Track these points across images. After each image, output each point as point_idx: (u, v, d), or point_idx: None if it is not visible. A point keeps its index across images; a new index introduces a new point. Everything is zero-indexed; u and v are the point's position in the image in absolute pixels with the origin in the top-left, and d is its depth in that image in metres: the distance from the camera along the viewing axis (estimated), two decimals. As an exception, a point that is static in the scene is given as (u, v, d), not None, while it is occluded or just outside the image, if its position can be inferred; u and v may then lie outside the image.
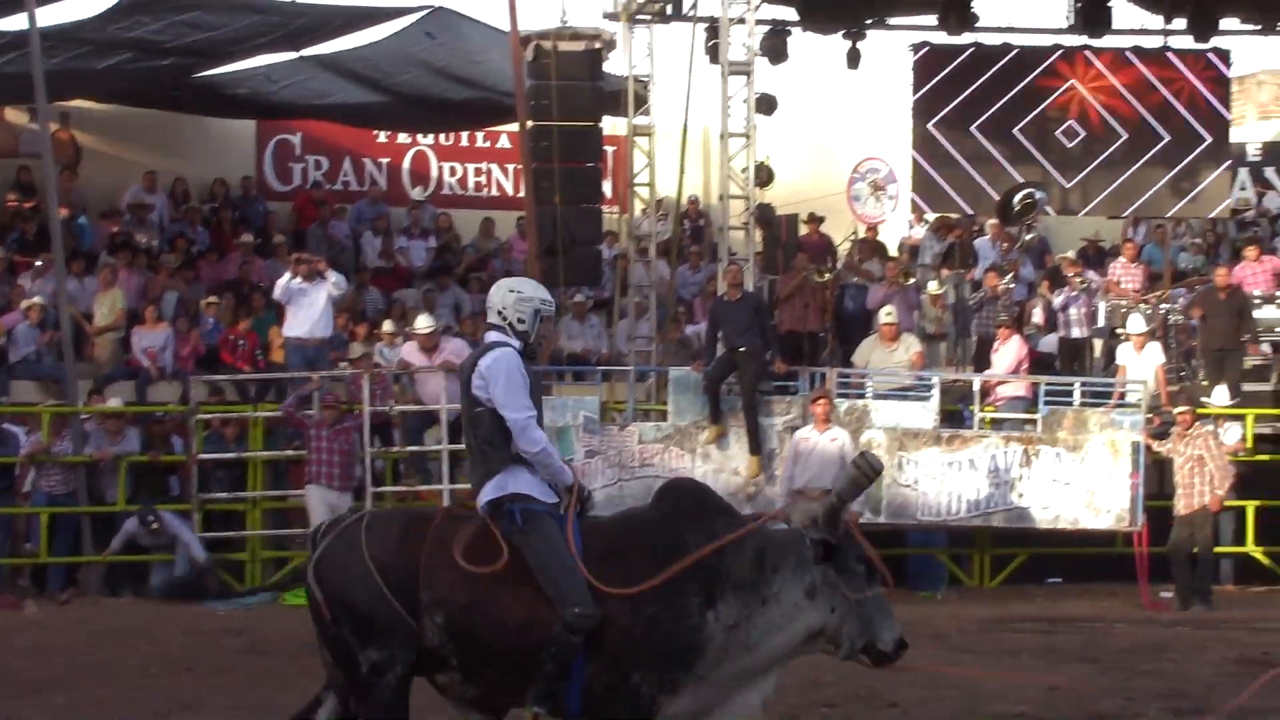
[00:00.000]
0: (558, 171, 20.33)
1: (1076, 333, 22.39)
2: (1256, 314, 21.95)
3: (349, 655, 7.90)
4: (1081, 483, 18.76)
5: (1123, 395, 19.65)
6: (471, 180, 26.17)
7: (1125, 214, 24.81)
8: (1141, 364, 20.38)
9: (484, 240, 25.09)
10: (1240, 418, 20.03)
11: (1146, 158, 23.78)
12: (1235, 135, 25.71)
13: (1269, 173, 28.17)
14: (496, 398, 7.84)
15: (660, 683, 7.54)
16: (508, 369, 7.93)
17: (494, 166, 25.94)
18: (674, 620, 7.55)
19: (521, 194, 22.02)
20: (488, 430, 7.92)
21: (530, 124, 20.51)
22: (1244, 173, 27.24)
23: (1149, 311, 21.84)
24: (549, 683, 7.57)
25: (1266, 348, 22.21)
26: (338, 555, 7.99)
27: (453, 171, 26.09)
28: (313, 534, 8.66)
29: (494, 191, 25.96)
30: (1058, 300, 22.72)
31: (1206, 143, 23.83)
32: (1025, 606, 17.90)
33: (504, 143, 24.97)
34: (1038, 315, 22.78)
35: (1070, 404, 19.40)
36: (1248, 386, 21.34)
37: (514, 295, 8.25)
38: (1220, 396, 20.30)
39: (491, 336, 8.18)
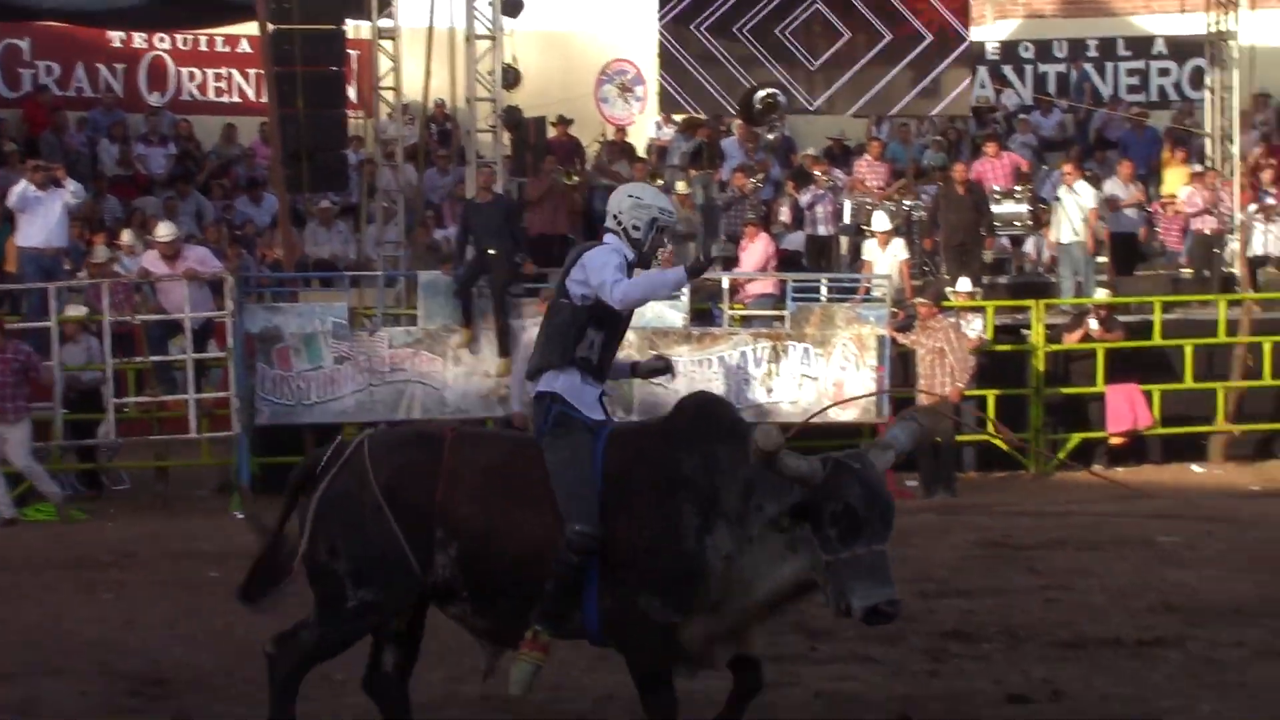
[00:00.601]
0: (300, 76, 20.95)
1: (823, 230, 24.05)
2: (995, 209, 23.74)
3: (336, 589, 8.14)
4: (829, 377, 20.21)
5: (868, 290, 21.26)
6: (212, 85, 26.54)
7: (869, 113, 25.98)
8: (886, 260, 22.21)
9: (226, 146, 25.56)
10: (981, 310, 21.67)
11: (889, 57, 24.61)
12: (974, 34, 26.72)
13: (1007, 70, 30.27)
14: (591, 279, 8.04)
15: (668, 608, 7.72)
16: (609, 256, 8.13)
17: (234, 71, 26.33)
18: (673, 545, 7.71)
19: (264, 99, 22.56)
20: (561, 323, 8.16)
21: (271, 27, 21.03)
22: (983, 71, 28.96)
23: (893, 209, 23.53)
24: (553, 602, 7.81)
25: (1005, 241, 24.38)
26: (340, 489, 8.16)
27: (192, 77, 26.47)
28: (311, 461, 8.64)
29: (235, 97, 26.41)
30: (804, 199, 24.33)
31: (946, 42, 24.88)
32: None
33: (244, 47, 25.28)
34: (785, 214, 24.23)
35: (817, 300, 20.74)
36: (987, 279, 23.35)
37: (631, 200, 8.42)
38: (962, 288, 21.99)
39: (608, 240, 8.36)
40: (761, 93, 24.13)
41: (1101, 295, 22.91)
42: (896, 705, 9.66)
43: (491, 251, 19.97)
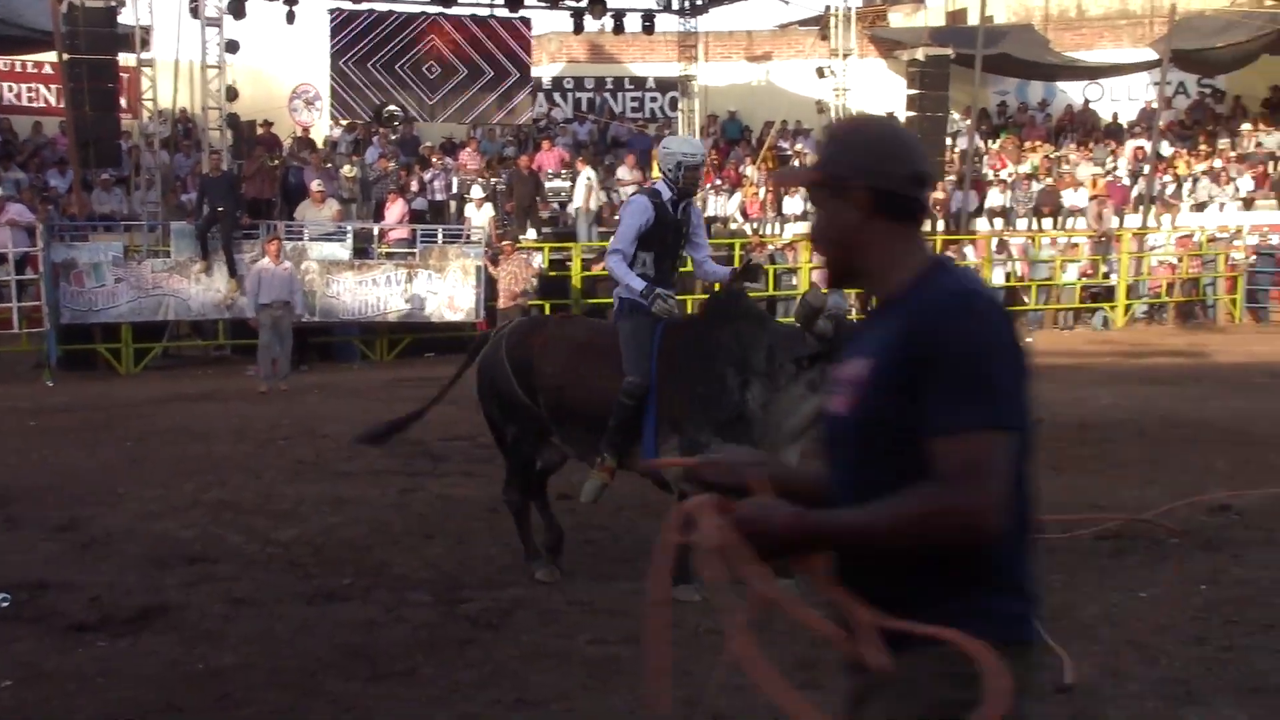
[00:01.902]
0: (87, 90, 20.17)
1: (440, 197, 24.00)
2: (548, 184, 24.38)
3: (498, 429, 8.01)
4: (445, 292, 20.17)
5: (469, 236, 21.18)
6: (25, 95, 25.39)
7: (470, 122, 26.23)
8: (481, 217, 22.31)
9: (36, 137, 24.45)
10: (540, 249, 22.02)
11: (485, 87, 25.04)
12: (535, 71, 27.22)
13: (555, 96, 30.42)
14: (617, 230, 7.79)
15: (723, 441, 7.09)
16: (630, 212, 7.80)
17: (41, 86, 25.10)
18: (721, 397, 7.29)
19: (62, 105, 21.50)
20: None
21: (66, 56, 20.25)
22: (541, 96, 29.02)
23: (484, 183, 23.69)
24: (614, 434, 7.42)
25: (556, 205, 24.56)
26: (488, 356, 7.94)
27: (11, 89, 25.26)
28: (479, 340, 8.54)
29: (42, 103, 25.16)
30: (427, 176, 24.18)
31: (517, 76, 25.50)
32: (410, 372, 18.30)
33: (48, 69, 23.90)
34: (415, 186, 23.91)
35: (436, 242, 20.69)
36: (544, 229, 23.75)
37: (663, 151, 7.96)
38: (528, 236, 22.50)
39: (654, 185, 7.97)
40: (387, 107, 24.44)
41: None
42: (488, 503, 9.63)
43: (220, 209, 19.32)
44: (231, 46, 22.37)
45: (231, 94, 22.45)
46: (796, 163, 27.83)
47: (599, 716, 5.37)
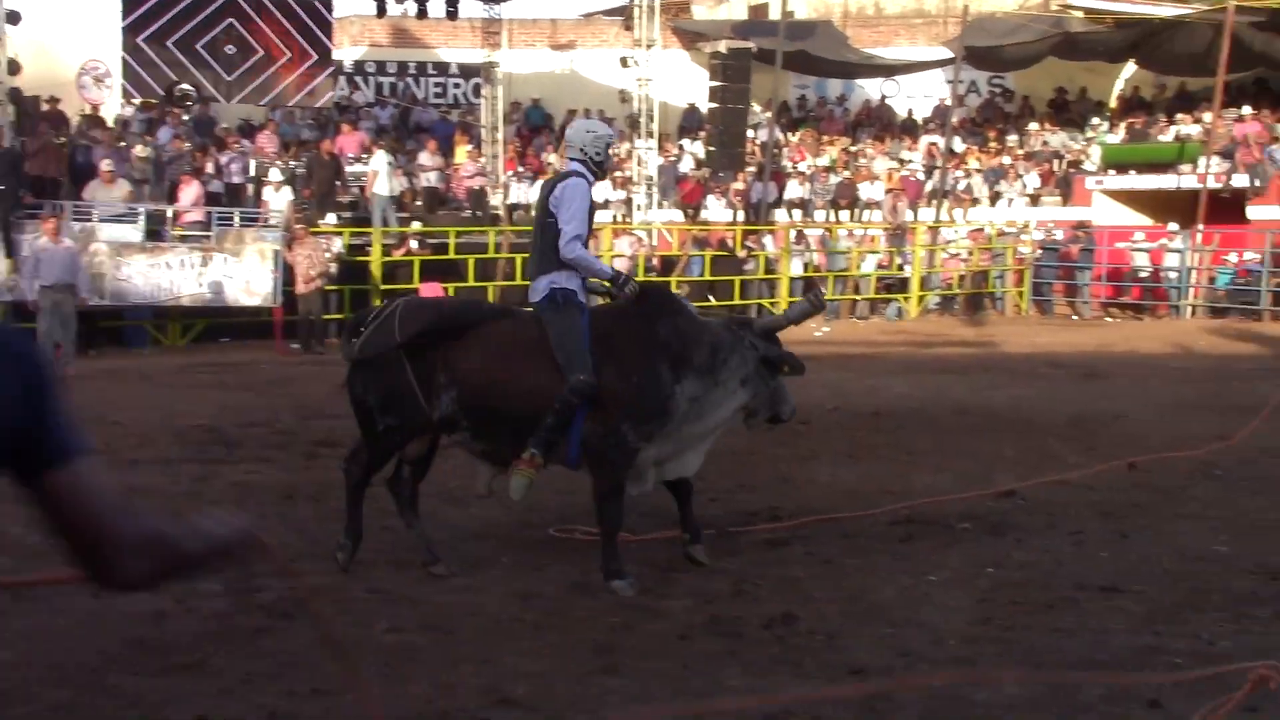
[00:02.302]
0: None
1: (237, 180, 23.37)
2: (349, 169, 24.29)
3: (369, 418, 7.48)
4: (241, 276, 19.68)
5: (266, 220, 20.81)
6: None
7: (269, 104, 25.53)
8: (279, 200, 21.98)
9: None
10: (339, 234, 21.72)
11: (284, 68, 24.00)
12: (336, 54, 26.59)
13: (357, 79, 30.11)
14: (560, 215, 7.32)
15: (641, 434, 7.15)
16: (579, 195, 7.42)
17: None
18: (654, 389, 7.16)
19: None
20: (551, 239, 7.35)
21: None
22: (342, 79, 28.64)
23: (283, 166, 23.43)
24: (549, 433, 7.16)
25: (356, 190, 24.36)
26: (375, 342, 7.34)
27: None
28: (354, 320, 7.90)
29: None
30: (223, 159, 23.56)
31: (315, 58, 24.66)
32: (204, 357, 18.25)
33: None
34: (210, 168, 23.25)
35: (232, 226, 20.26)
36: (344, 214, 23.46)
37: (591, 135, 7.66)
38: (327, 221, 22.15)
39: (573, 167, 7.59)
40: (180, 87, 23.56)
41: (416, 226, 22.96)
42: (284, 490, 9.55)
43: (1, 188, 18.65)
44: (12, 18, 21.35)
45: (13, 68, 21.37)
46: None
47: (396, 705, 5.30)
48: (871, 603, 6.84)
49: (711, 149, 26.47)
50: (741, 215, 26.59)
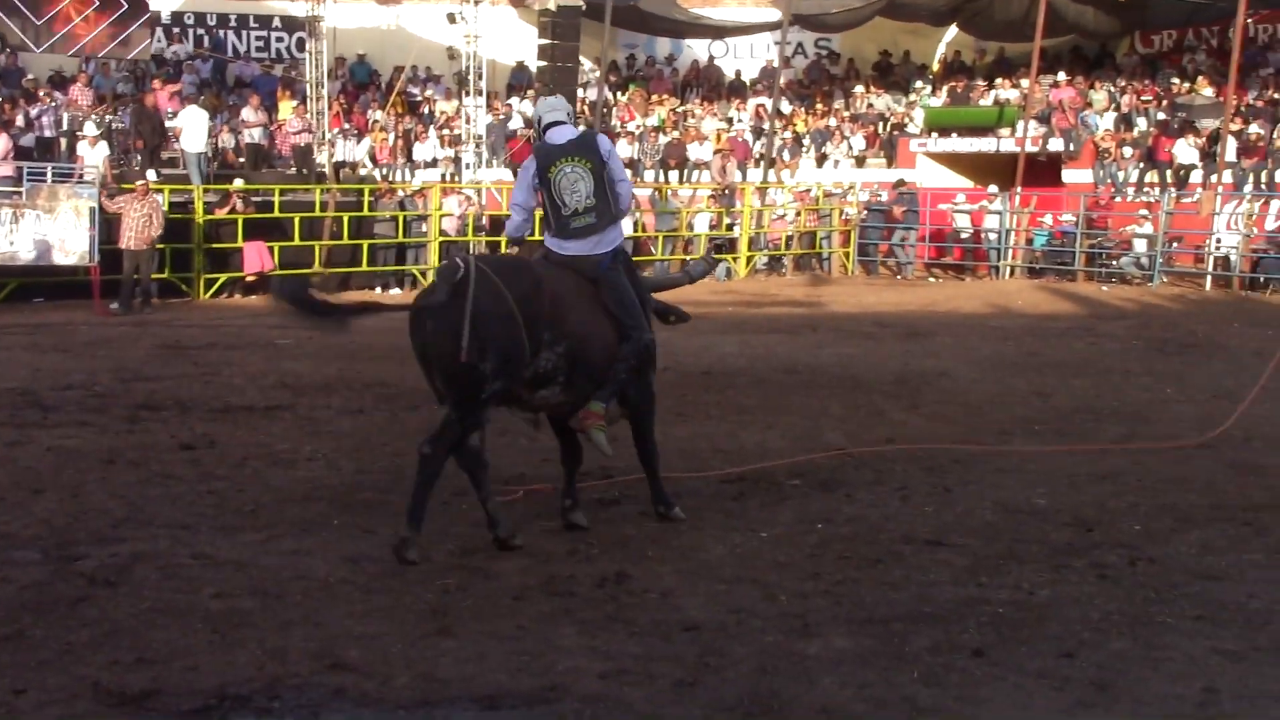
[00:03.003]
0: None
1: (49, 134, 22.84)
2: (168, 123, 23.58)
3: (479, 385, 6.88)
4: (56, 234, 18.81)
5: (81, 176, 20.10)
6: None
7: (82, 55, 24.54)
8: (95, 155, 21.19)
9: None
10: (161, 190, 20.53)
11: (93, 18, 23.36)
12: (153, 5, 25.80)
13: (175, 30, 28.92)
14: (617, 170, 7.51)
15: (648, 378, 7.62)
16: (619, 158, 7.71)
17: None
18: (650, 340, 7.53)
19: None
20: (612, 194, 7.47)
21: None
22: (160, 30, 27.64)
23: (99, 120, 22.73)
24: (618, 386, 7.37)
25: (177, 147, 23.41)
26: (487, 308, 6.79)
27: None
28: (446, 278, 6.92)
29: None
30: (34, 111, 23.06)
31: (126, 8, 23.53)
32: (18, 318, 17.54)
33: None
34: (20, 120, 22.77)
35: (44, 181, 19.49)
36: (167, 171, 22.91)
37: (564, 100, 8.02)
38: (151, 176, 21.35)
39: (573, 128, 7.70)
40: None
41: (239, 183, 22.42)
42: (104, 454, 9.27)
43: None
44: None
45: None
46: (427, 109, 27.76)
47: (225, 672, 5.20)
48: (703, 560, 6.88)
49: (541, 107, 26.31)
50: (571, 175, 26.46)
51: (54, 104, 23.42)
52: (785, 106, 30.26)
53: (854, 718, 4.94)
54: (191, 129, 22.77)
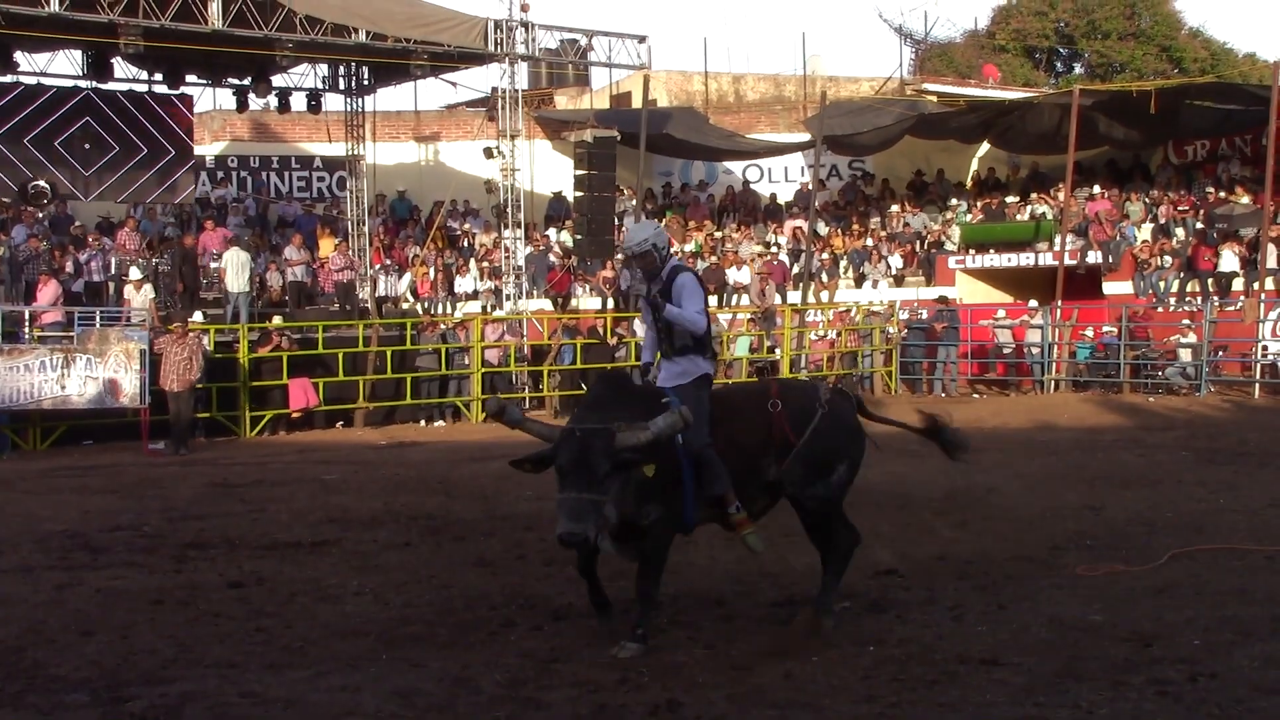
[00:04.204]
0: None
1: (97, 278, 23.19)
2: (213, 265, 24.03)
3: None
4: (107, 377, 19.08)
5: (129, 319, 20.37)
6: None
7: (129, 200, 25.32)
8: (140, 298, 21.68)
9: None
10: (206, 331, 20.96)
11: (143, 164, 24.33)
12: (198, 150, 26.64)
13: (219, 174, 29.96)
14: (694, 306, 7.82)
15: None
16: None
17: None
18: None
19: None
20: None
21: None
22: (204, 175, 28.46)
23: (144, 263, 23.08)
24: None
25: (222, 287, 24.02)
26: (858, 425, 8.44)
27: None
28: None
29: None
30: (83, 257, 23.38)
31: (173, 153, 24.89)
32: (67, 460, 17.64)
33: None
34: (70, 266, 23.10)
35: (94, 325, 19.90)
36: (212, 312, 23.27)
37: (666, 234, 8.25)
38: (196, 318, 21.84)
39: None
40: (33, 184, 22.99)
41: (278, 320, 22.70)
42: (153, 594, 9.26)
43: None
44: None
45: None
46: (465, 242, 28.11)
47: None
48: (755, 685, 6.78)
49: (579, 237, 26.60)
50: (611, 303, 26.70)
51: (102, 249, 23.83)
52: (822, 228, 30.45)
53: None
54: (234, 269, 23.08)
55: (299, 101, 27.42)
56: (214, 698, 6.75)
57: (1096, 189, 29.34)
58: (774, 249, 29.84)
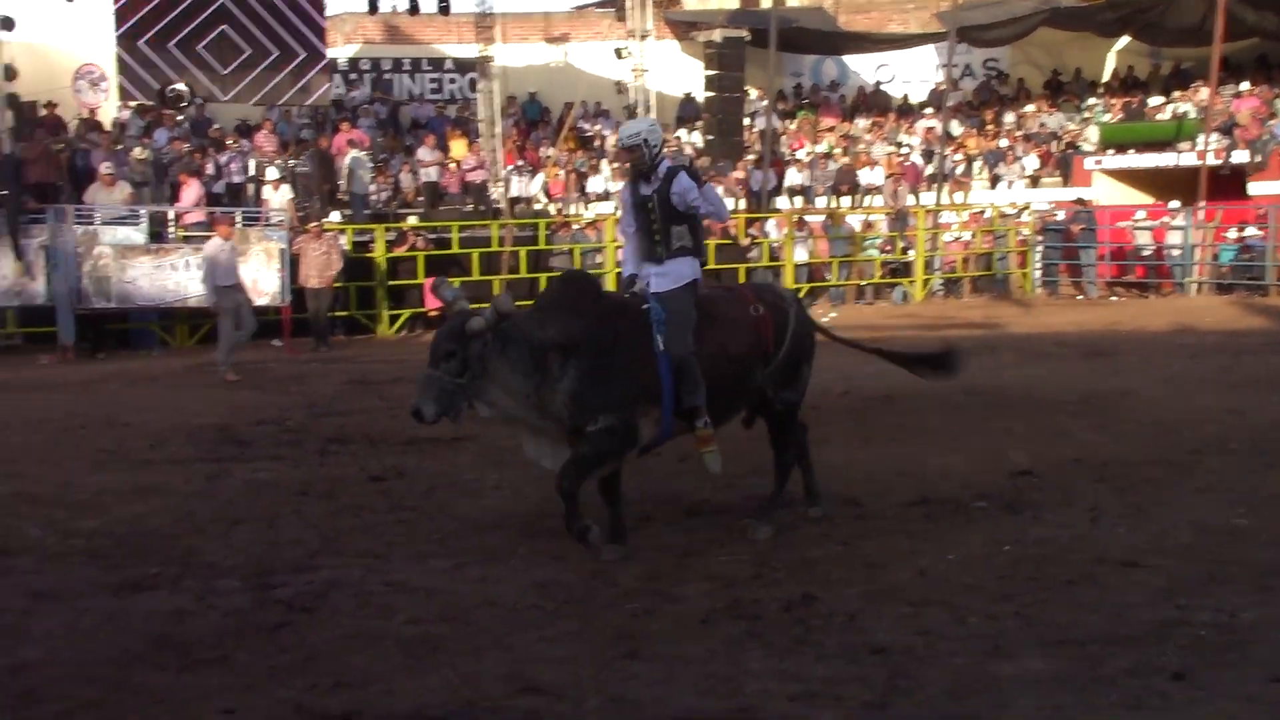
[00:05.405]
0: None
1: (237, 179, 23.43)
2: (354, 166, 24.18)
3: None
4: (248, 275, 18.67)
5: (268, 219, 20.55)
6: None
7: (265, 103, 24.81)
8: (278, 198, 21.90)
9: None
10: (344, 230, 21.60)
11: (276, 66, 24.47)
12: (330, 53, 26.10)
13: (353, 76, 29.82)
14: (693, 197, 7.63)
15: None
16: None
17: None
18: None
19: None
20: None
21: None
22: (338, 77, 28.47)
23: (281, 164, 23.37)
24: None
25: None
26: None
27: None
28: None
29: None
30: (223, 159, 23.64)
31: (304, 55, 25.03)
32: (211, 357, 17.08)
33: None
34: (210, 168, 23.27)
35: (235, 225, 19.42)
36: (347, 211, 23.59)
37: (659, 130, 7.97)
38: (333, 218, 22.14)
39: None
40: (172, 87, 22.99)
41: (412, 221, 22.92)
42: (297, 486, 9.51)
43: (4, 193, 18.71)
44: (7, 23, 21.38)
45: (10, 73, 21.41)
46: (597, 143, 28.08)
47: (420, 696, 5.29)
48: (890, 583, 6.80)
49: (710, 138, 26.43)
50: (743, 203, 26.53)
51: (241, 151, 24.16)
52: (955, 128, 29.86)
53: (1052, 741, 4.82)
54: (354, 172, 23.43)
55: (429, 3, 27.48)
56: (357, 586, 6.93)
57: (1244, 85, 28.31)
58: (906, 150, 29.35)
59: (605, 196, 26.60)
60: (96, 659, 5.83)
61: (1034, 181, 28.88)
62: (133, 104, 24.44)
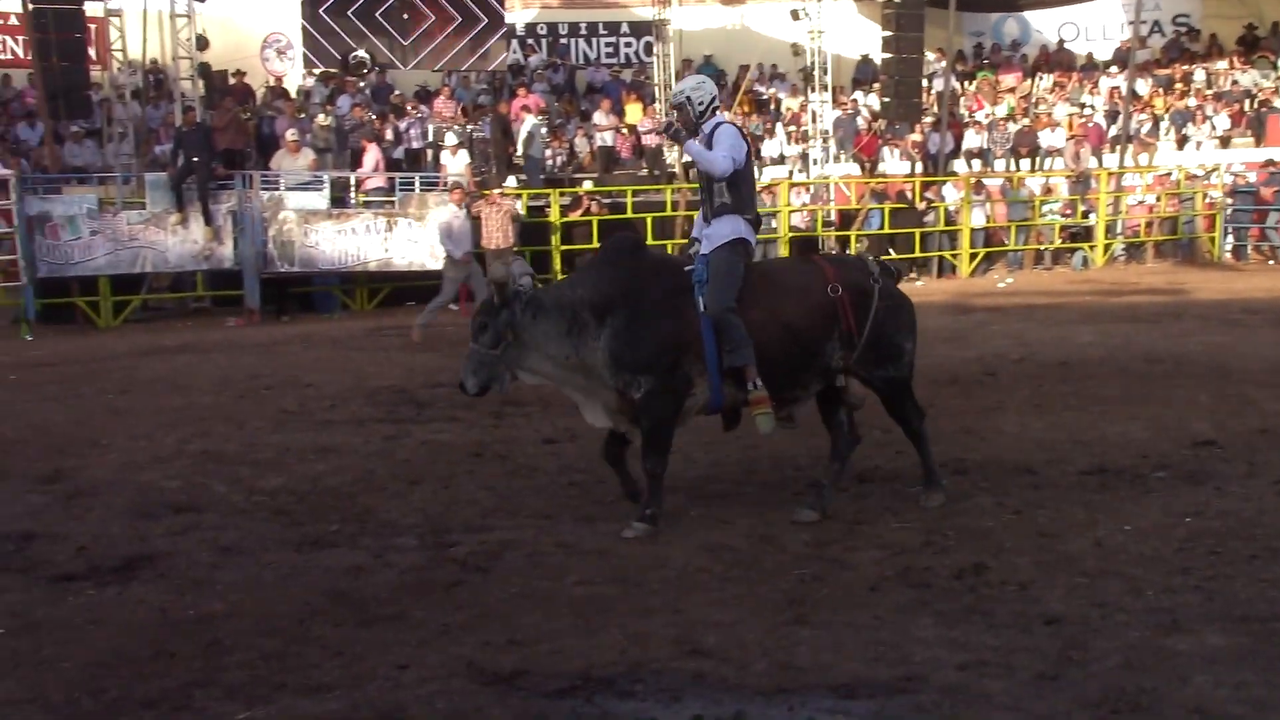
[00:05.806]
0: (54, 40, 20.01)
1: (416, 145, 23.77)
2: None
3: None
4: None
5: (446, 183, 20.32)
6: None
7: (444, 69, 25.90)
8: (456, 164, 21.98)
9: (5, 89, 24.37)
10: (519, 196, 21.38)
11: (456, 33, 24.93)
12: (509, 18, 27.04)
13: (529, 42, 29.84)
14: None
15: None
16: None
17: (7, 37, 24.77)
18: None
19: (29, 57, 21.48)
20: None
21: (31, 6, 20.20)
22: (515, 42, 28.70)
23: (459, 129, 23.64)
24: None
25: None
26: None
27: None
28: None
29: (8, 55, 24.85)
30: (402, 125, 23.99)
31: (486, 22, 25.39)
32: (391, 320, 18.33)
33: (13, 20, 23.84)
34: (390, 134, 23.74)
35: (414, 190, 20.45)
36: (522, 176, 23.15)
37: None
38: (509, 183, 21.66)
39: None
40: (354, 55, 23.89)
41: (587, 185, 23.04)
42: (472, 448, 9.69)
43: (195, 160, 19.20)
44: (200, -6, 21.86)
45: (202, 43, 21.97)
46: (773, 106, 27.89)
47: (589, 655, 5.38)
48: (1064, 553, 6.69)
49: (887, 100, 26.01)
50: (920, 167, 26.14)
51: (420, 116, 24.54)
52: (1141, 87, 28.96)
53: (1232, 719, 4.70)
54: (528, 137, 23.52)
55: (606, -32, 27.48)
56: (530, 546, 7.06)
57: None
58: (1089, 110, 28.57)
59: (780, 160, 26.45)
60: (278, 612, 6.05)
61: (1224, 142, 27.87)
62: (316, 72, 25.00)
